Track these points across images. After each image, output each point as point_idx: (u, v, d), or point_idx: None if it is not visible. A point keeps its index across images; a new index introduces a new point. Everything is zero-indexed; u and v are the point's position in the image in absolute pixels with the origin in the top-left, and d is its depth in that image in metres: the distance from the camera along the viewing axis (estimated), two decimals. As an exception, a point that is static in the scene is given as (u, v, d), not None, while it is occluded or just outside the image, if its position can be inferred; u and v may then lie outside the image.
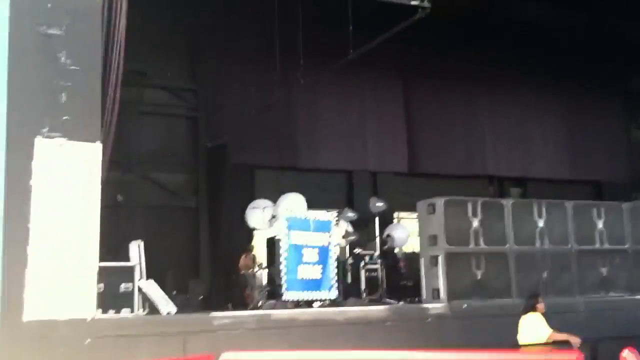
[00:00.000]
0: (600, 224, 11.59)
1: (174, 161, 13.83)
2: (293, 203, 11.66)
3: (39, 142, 7.16)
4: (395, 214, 14.73)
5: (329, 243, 10.51)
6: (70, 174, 7.35)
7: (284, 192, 12.23)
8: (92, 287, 7.38)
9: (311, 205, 11.88)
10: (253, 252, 11.94)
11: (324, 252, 10.41)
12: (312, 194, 12.54)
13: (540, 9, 15.39)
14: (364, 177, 15.15)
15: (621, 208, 11.96)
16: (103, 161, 7.60)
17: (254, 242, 12.42)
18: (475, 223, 10.64)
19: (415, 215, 11.85)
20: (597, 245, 11.44)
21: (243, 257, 11.63)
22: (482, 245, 10.56)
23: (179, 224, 13.27)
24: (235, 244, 12.39)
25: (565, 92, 16.67)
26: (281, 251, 9.94)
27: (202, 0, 13.36)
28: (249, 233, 12.58)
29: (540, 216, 11.18)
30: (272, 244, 10.34)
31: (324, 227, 10.57)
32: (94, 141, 7.48)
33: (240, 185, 13.71)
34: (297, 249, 10.08)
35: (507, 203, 11.10)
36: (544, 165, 16.45)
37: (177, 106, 14.13)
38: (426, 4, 10.84)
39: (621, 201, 12.95)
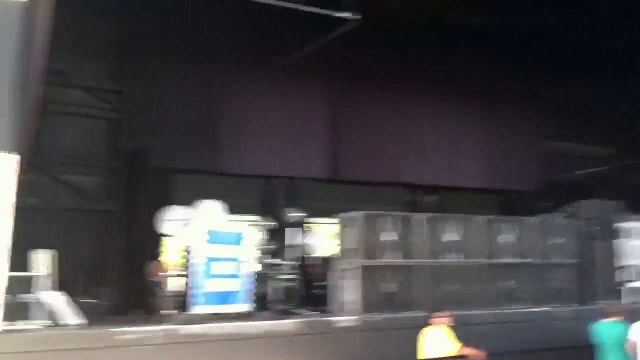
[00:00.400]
0: (510, 238, 12.03)
1: (92, 163, 13.42)
2: (211, 211, 11.55)
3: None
4: (313, 220, 14.74)
5: (244, 255, 10.49)
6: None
7: (203, 197, 12.10)
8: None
9: (230, 210, 11.80)
10: (162, 259, 11.77)
11: (238, 264, 10.38)
12: (231, 199, 12.44)
13: (461, 18, 15.81)
14: (283, 183, 15.14)
15: (531, 222, 12.46)
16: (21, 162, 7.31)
17: (165, 248, 12.15)
18: (392, 237, 10.87)
19: (333, 220, 12.02)
20: (507, 259, 11.86)
21: (152, 263, 11.44)
22: (398, 258, 10.79)
23: (94, 227, 12.87)
24: (148, 250, 12.15)
25: (481, 103, 17.10)
26: (194, 262, 9.84)
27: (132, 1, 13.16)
28: (161, 239, 12.38)
29: (453, 230, 11.52)
30: (187, 254, 10.21)
31: (239, 239, 10.54)
32: (8, 151, 7.21)
33: (158, 189, 13.42)
34: (212, 261, 10.01)
35: (423, 218, 11.36)
36: (459, 174, 16.83)
37: (99, 107, 13.69)
38: (355, 16, 10.97)
39: (532, 211, 13.47)
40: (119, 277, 12.41)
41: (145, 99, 13.74)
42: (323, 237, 13.80)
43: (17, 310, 8.38)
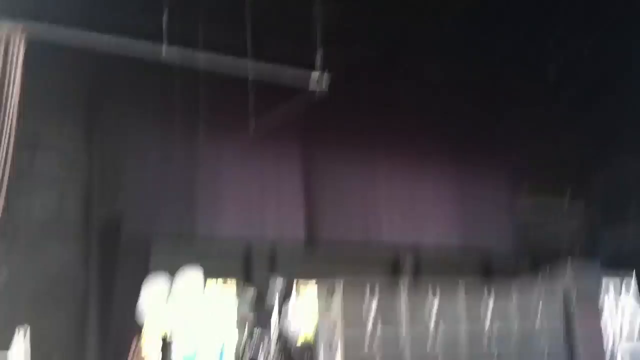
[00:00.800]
0: (490, 303, 12.05)
1: (64, 229, 13.13)
2: (190, 280, 11.41)
3: None
4: (295, 285, 14.57)
5: (226, 332, 10.34)
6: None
7: (181, 263, 11.93)
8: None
9: (209, 275, 11.65)
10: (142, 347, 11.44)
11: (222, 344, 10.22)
12: (210, 263, 12.30)
13: (432, 74, 16.12)
14: (262, 246, 14.99)
15: (512, 288, 12.51)
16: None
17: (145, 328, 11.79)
18: (373, 305, 10.83)
19: (314, 286, 11.93)
20: (487, 325, 11.85)
21: (132, 345, 11.14)
22: (380, 327, 10.74)
23: (67, 302, 12.49)
24: (126, 326, 11.84)
25: (456, 161, 17.29)
26: (175, 346, 9.66)
27: (103, 59, 13.04)
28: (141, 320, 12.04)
29: (434, 295, 11.53)
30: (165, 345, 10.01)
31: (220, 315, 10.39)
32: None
33: (135, 257, 13.10)
34: (193, 343, 9.84)
35: (403, 284, 11.36)
36: (436, 234, 16.83)
37: (70, 170, 13.48)
38: (324, 88, 11.07)
39: (509, 270, 13.52)
40: (96, 357, 11.99)
41: (116, 162, 13.60)
42: (304, 312, 13.59)
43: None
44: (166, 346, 10.05)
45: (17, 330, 9.19)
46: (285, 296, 13.30)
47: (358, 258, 14.97)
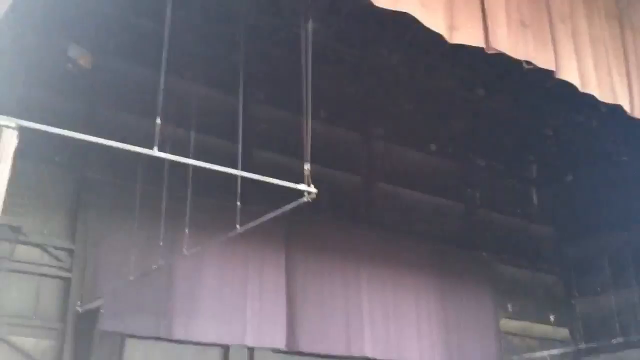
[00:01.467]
0: None
1: (39, 325, 12.98)
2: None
3: None
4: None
5: None
6: None
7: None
8: None
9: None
10: None
11: None
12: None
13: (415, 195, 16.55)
14: (240, 353, 14.74)
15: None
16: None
17: None
18: None
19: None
20: None
21: None
22: None
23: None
24: None
25: (439, 277, 17.38)
26: None
27: (88, 155, 13.39)
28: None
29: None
30: None
31: None
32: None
33: (109, 355, 12.95)
34: None
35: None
36: (418, 349, 16.61)
37: (50, 266, 13.47)
38: (312, 189, 11.19)
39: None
40: None
41: (96, 259, 13.61)
42: None
43: None
44: None
45: None
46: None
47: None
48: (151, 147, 9.20)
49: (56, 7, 13.10)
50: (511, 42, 10.37)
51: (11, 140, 8.56)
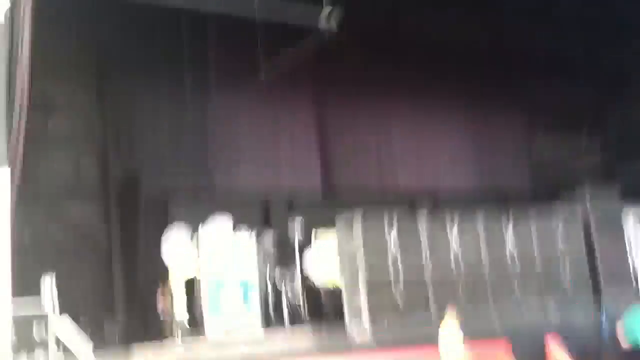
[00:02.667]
0: (509, 229, 12.02)
1: (83, 194, 13.22)
2: (219, 225, 11.47)
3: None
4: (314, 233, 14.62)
5: (251, 275, 10.45)
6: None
7: (200, 219, 12.01)
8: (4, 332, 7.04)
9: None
10: (167, 287, 11.52)
11: (246, 285, 10.35)
12: (228, 212, 12.38)
13: (446, 21, 15.98)
14: (280, 196, 15.08)
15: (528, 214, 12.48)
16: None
17: (170, 275, 11.86)
18: (393, 233, 10.87)
19: (332, 230, 12.03)
20: (508, 250, 11.84)
21: (158, 292, 11.24)
22: (400, 253, 10.78)
23: (90, 260, 12.56)
24: (151, 279, 11.92)
25: (472, 104, 17.20)
26: (202, 288, 9.78)
27: (113, 18, 13.12)
28: (164, 268, 12.13)
29: (453, 223, 11.55)
30: (192, 284, 10.14)
31: (245, 259, 10.48)
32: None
33: (154, 215, 13.18)
34: (219, 285, 9.97)
35: (422, 216, 11.38)
36: (452, 176, 16.87)
37: (86, 134, 13.59)
38: (333, 26, 10.96)
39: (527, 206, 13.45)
40: (124, 310, 12.14)
41: (132, 121, 13.69)
42: (324, 258, 13.70)
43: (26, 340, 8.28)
44: (192, 288, 10.18)
45: (43, 278, 9.33)
46: (305, 242, 13.40)
47: (376, 203, 15.02)
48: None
49: None
50: None
51: (27, 6, 8.46)
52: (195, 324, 9.90)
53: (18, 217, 8.80)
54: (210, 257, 10.28)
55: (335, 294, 11.60)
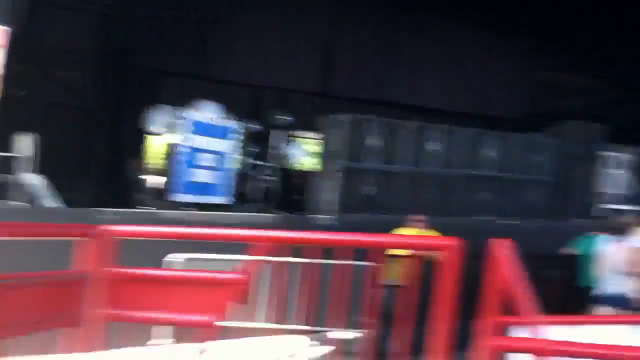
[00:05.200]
0: (492, 151, 12.15)
1: (79, 59, 13.27)
2: (205, 109, 11.51)
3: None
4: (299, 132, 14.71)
5: (228, 149, 10.57)
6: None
7: (189, 101, 12.07)
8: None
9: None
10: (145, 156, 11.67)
11: (222, 157, 10.48)
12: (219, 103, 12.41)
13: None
14: (273, 93, 15.12)
15: (513, 138, 12.59)
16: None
17: (149, 146, 12.01)
18: (377, 142, 10.98)
19: (317, 136, 12.14)
20: (487, 172, 12.00)
21: (135, 159, 11.41)
22: (381, 163, 10.94)
23: (77, 122, 12.85)
24: (131, 147, 12.11)
25: (472, 27, 16.86)
26: (177, 152, 9.91)
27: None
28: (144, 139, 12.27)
29: (437, 140, 11.66)
30: (169, 156, 10.25)
31: (225, 132, 10.60)
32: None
33: (145, 89, 13.35)
34: (196, 152, 10.10)
35: (410, 125, 11.46)
36: (446, 97, 16.74)
37: (87, 2, 13.48)
38: None
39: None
40: (99, 172, 12.45)
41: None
42: (306, 151, 13.91)
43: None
44: (169, 160, 10.32)
45: (27, 135, 9.47)
46: (289, 139, 13.56)
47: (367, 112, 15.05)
48: None
49: None
50: None
51: None
52: (168, 194, 10.08)
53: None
54: (191, 133, 10.34)
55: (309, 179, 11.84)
